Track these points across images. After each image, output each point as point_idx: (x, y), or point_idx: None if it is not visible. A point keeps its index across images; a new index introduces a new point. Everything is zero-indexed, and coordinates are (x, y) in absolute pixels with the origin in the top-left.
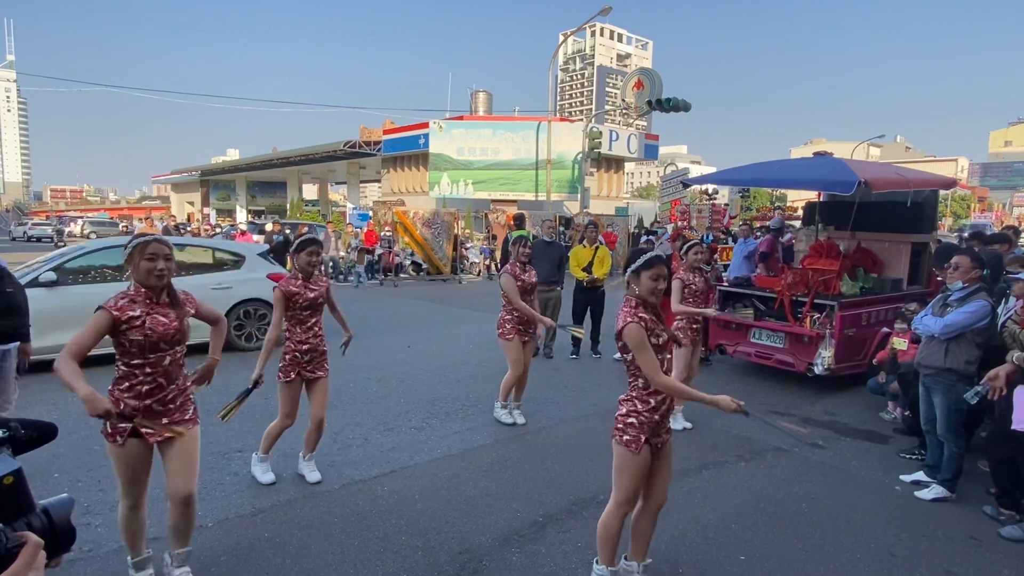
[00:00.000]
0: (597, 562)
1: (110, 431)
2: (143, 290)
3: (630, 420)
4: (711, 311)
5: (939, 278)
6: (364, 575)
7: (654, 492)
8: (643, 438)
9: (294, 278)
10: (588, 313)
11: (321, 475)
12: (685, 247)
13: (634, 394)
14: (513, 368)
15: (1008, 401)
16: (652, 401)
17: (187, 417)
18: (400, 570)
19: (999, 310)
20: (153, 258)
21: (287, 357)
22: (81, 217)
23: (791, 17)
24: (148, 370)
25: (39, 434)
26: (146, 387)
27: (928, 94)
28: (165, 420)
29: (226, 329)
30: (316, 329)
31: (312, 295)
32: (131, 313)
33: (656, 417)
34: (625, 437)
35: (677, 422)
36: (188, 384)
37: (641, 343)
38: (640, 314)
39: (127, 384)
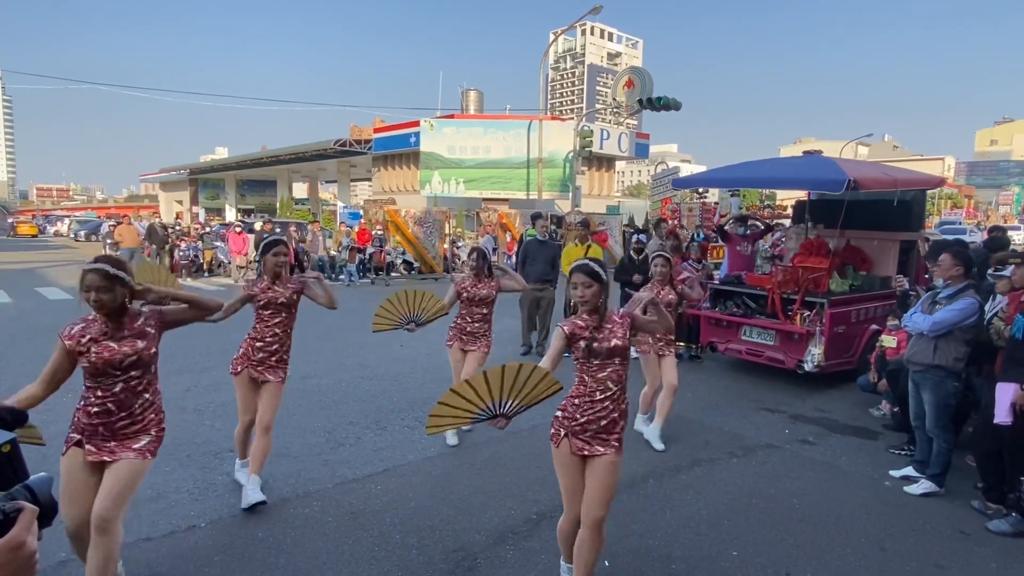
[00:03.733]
0: (563, 559)
1: (65, 439)
2: (101, 317)
3: (556, 413)
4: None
5: (927, 276)
6: (359, 574)
7: (584, 504)
8: (562, 432)
9: (260, 280)
10: None
11: (255, 501)
12: (650, 257)
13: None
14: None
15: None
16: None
17: (135, 447)
18: (395, 568)
19: (987, 307)
20: (87, 290)
21: (240, 349)
22: (68, 216)
23: (781, 17)
24: (99, 393)
25: (13, 417)
26: (94, 409)
27: (915, 94)
28: (113, 443)
29: (200, 310)
30: (276, 330)
31: (272, 295)
32: (82, 339)
33: (578, 416)
34: (551, 430)
35: (655, 439)
36: (150, 415)
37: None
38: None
39: (83, 402)
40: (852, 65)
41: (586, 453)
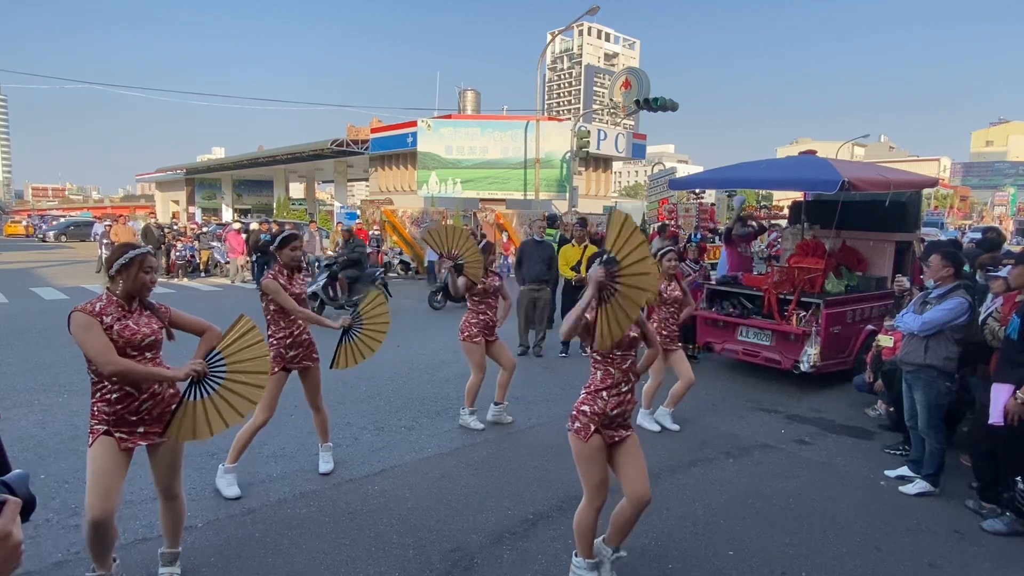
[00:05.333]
0: (576, 555)
1: (89, 431)
2: (115, 298)
3: (583, 408)
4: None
5: (922, 276)
6: (356, 574)
7: (629, 486)
8: (592, 427)
9: (280, 273)
10: None
11: (332, 468)
12: (659, 254)
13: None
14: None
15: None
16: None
17: (163, 428)
18: (392, 569)
19: (982, 308)
20: (149, 271)
21: (271, 353)
22: (63, 216)
23: (778, 17)
24: (115, 378)
25: None
26: (114, 395)
27: (912, 95)
28: (141, 429)
29: (215, 338)
30: (299, 321)
31: (297, 291)
32: (104, 318)
33: (608, 411)
34: (576, 425)
35: (649, 423)
36: (169, 392)
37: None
38: None
39: (99, 394)
40: (849, 66)
41: (616, 439)
